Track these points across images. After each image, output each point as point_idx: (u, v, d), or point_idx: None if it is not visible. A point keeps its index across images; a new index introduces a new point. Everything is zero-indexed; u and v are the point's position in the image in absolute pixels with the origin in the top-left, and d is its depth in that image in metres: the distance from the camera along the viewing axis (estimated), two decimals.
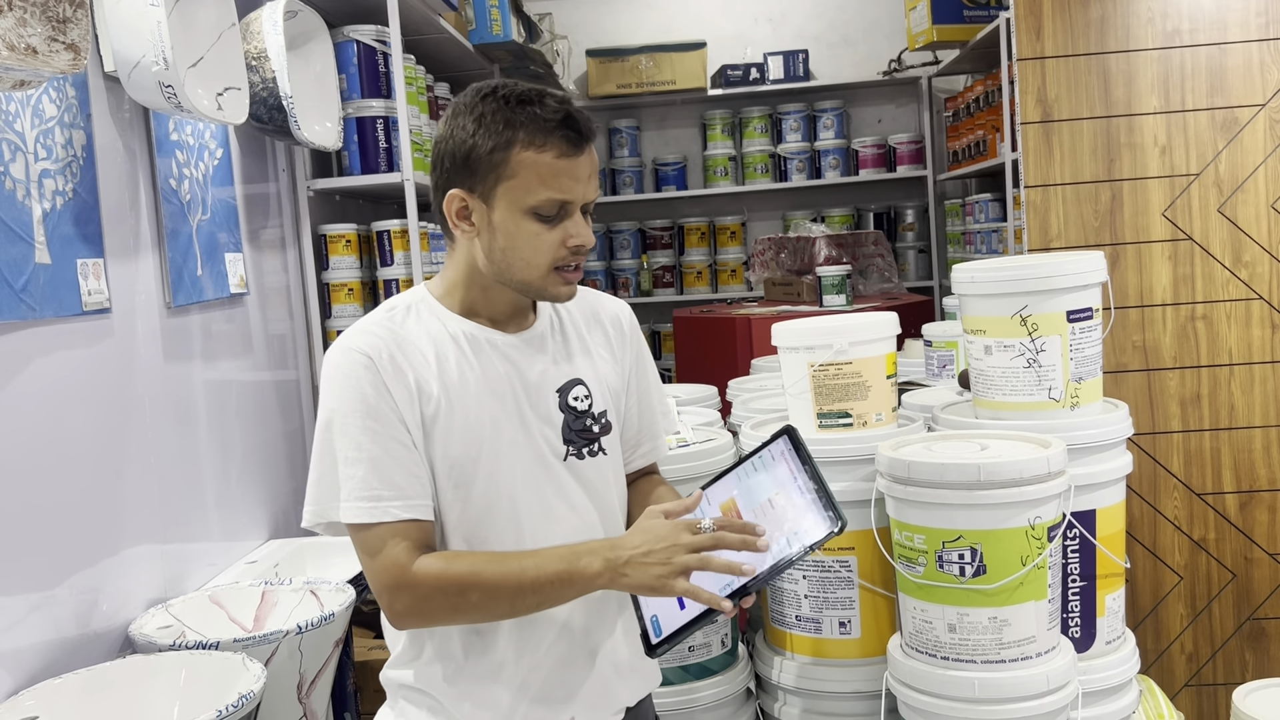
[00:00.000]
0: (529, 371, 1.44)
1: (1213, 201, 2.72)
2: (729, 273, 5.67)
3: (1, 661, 1.83)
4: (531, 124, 1.35)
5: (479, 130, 1.36)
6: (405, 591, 1.33)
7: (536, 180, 1.35)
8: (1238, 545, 2.76)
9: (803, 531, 1.30)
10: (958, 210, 5.21)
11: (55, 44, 1.65)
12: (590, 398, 1.47)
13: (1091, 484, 1.93)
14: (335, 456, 1.36)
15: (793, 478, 1.36)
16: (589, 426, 1.47)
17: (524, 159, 1.35)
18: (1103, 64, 2.74)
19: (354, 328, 1.42)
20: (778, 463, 1.39)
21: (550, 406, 1.44)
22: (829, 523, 1.29)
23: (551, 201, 1.36)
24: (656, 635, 1.34)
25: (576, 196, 1.38)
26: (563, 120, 1.35)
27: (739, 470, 1.43)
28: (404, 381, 1.37)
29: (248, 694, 1.79)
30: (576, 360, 1.49)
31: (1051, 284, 1.94)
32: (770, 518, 1.34)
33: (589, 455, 1.47)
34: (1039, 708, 1.75)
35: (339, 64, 3.07)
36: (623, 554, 1.31)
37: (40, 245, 1.96)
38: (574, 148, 1.36)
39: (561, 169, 1.35)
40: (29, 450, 1.92)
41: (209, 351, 2.60)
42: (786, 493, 1.35)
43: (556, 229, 1.38)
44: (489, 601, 1.33)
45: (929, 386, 2.62)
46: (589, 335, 1.53)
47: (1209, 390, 2.75)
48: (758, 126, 5.55)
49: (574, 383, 1.47)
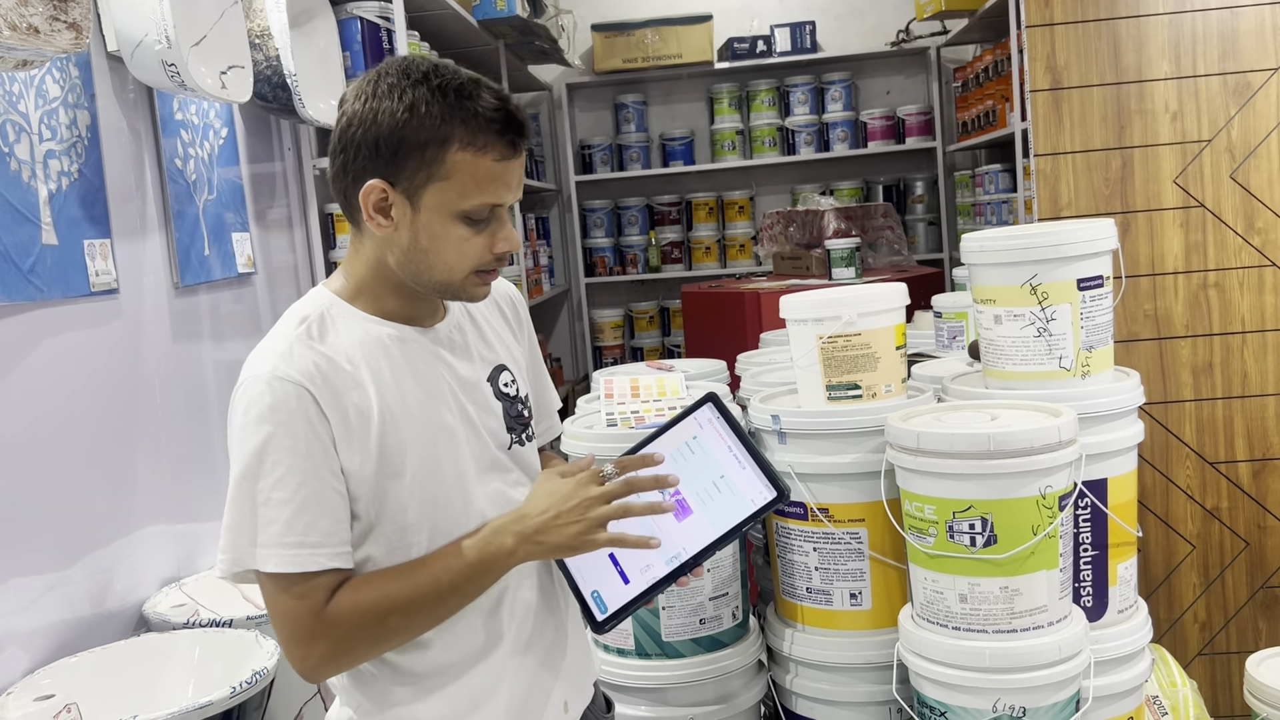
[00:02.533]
0: (459, 366, 1.36)
1: (1225, 168, 2.70)
2: (737, 247, 5.65)
3: (18, 641, 1.85)
4: (472, 122, 1.23)
5: (411, 120, 1.22)
6: (321, 639, 1.21)
7: (472, 184, 1.24)
8: (1251, 514, 2.75)
9: (745, 500, 1.29)
10: (967, 181, 5.18)
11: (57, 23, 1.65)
12: (515, 382, 1.43)
13: (1103, 453, 1.92)
14: (255, 499, 1.21)
15: (725, 446, 1.34)
16: (521, 412, 1.42)
17: (460, 160, 1.23)
18: (1113, 29, 2.71)
19: (269, 351, 1.25)
20: (705, 429, 1.37)
21: (488, 397, 1.38)
22: (770, 491, 1.28)
23: (485, 206, 1.26)
24: (602, 611, 1.32)
25: (509, 201, 1.29)
26: (504, 120, 1.24)
27: (664, 438, 1.39)
28: (342, 411, 1.24)
29: (261, 671, 1.80)
30: (495, 347, 1.43)
31: (1061, 252, 1.93)
32: (705, 486, 1.32)
33: (526, 441, 1.43)
34: (1051, 676, 1.75)
35: (342, 41, 3.06)
36: (530, 523, 1.27)
37: (47, 226, 1.96)
38: (514, 150, 1.26)
39: (498, 173, 1.25)
40: (40, 431, 1.93)
41: (217, 331, 2.60)
42: (721, 460, 1.33)
43: (484, 233, 1.28)
44: (410, 619, 1.25)
45: (939, 358, 2.61)
46: (495, 318, 1.47)
47: (1221, 358, 2.73)
48: (765, 99, 5.51)
49: (499, 369, 1.41)
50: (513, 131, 1.26)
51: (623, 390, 2.27)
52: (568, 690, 1.44)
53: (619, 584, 1.32)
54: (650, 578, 1.30)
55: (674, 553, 1.29)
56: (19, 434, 1.87)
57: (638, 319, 5.84)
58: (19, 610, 1.85)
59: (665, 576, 1.30)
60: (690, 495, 1.34)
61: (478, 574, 1.27)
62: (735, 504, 1.30)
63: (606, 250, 5.72)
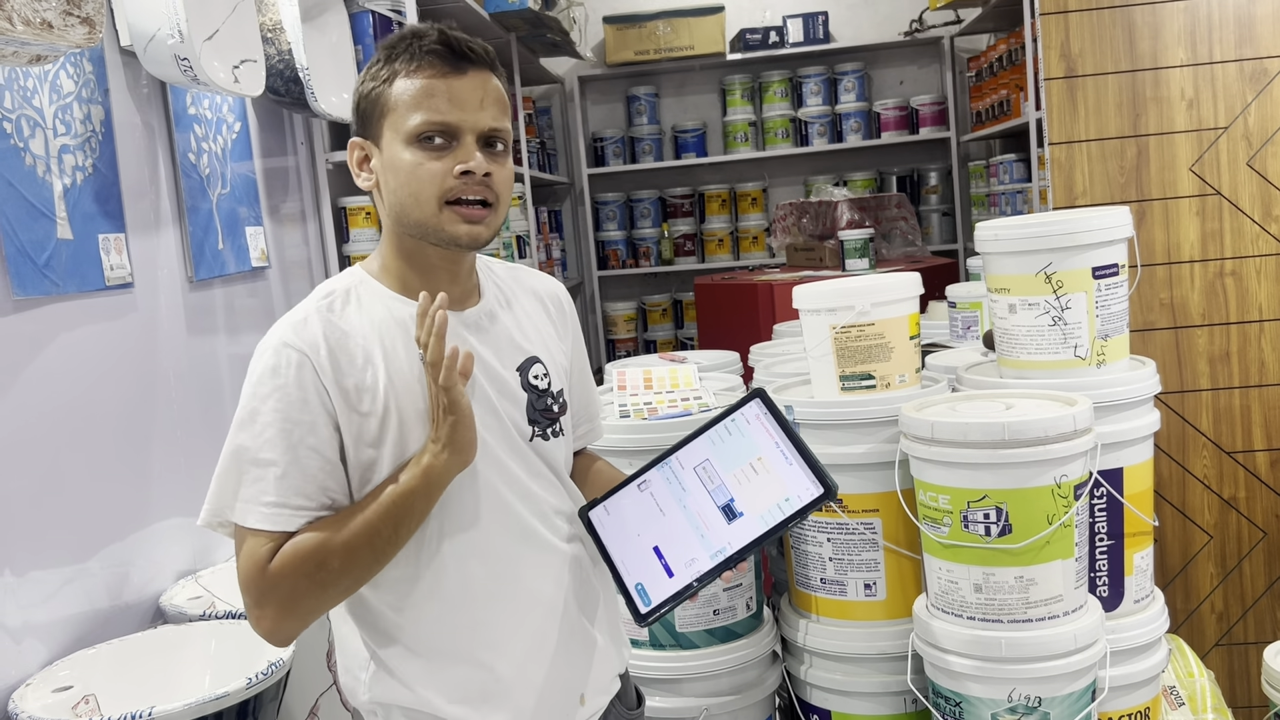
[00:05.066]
0: (484, 351, 1.36)
1: (1241, 155, 2.68)
2: (750, 239, 5.63)
3: (36, 633, 1.86)
4: (406, 53, 1.30)
5: (366, 78, 1.33)
6: (269, 591, 1.23)
7: (412, 104, 1.28)
8: (1269, 503, 2.73)
9: (792, 497, 1.27)
10: (982, 172, 5.15)
11: (70, 18, 1.65)
12: (548, 376, 1.42)
13: (1118, 442, 1.91)
14: (244, 456, 1.25)
15: (773, 442, 1.33)
16: (550, 406, 1.42)
17: (400, 87, 1.29)
18: (1127, 16, 2.69)
19: (289, 318, 1.31)
20: (752, 425, 1.36)
21: (513, 386, 1.38)
22: (818, 488, 1.26)
23: (428, 124, 1.27)
24: (646, 604, 1.31)
25: (459, 120, 1.28)
26: (437, 41, 1.29)
27: (712, 433, 1.39)
28: (344, 385, 1.27)
29: (277, 662, 1.81)
30: (531, 338, 1.43)
31: (1076, 240, 1.91)
32: (754, 482, 1.31)
33: (552, 436, 1.42)
34: (1066, 666, 1.74)
35: (354, 35, 3.06)
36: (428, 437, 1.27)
37: (62, 221, 1.97)
38: (449, 66, 1.29)
39: (437, 89, 1.28)
40: (56, 425, 1.94)
41: (232, 325, 2.61)
42: (768, 456, 1.32)
43: (445, 158, 1.28)
44: (351, 559, 1.24)
45: (953, 348, 2.60)
46: (535, 313, 1.47)
47: (1238, 347, 2.71)
48: (778, 91, 5.50)
49: (532, 360, 1.41)
50: (448, 48, 1.29)
51: (636, 382, 2.27)
52: (585, 682, 1.44)
53: (663, 577, 1.32)
54: (695, 571, 1.30)
55: (719, 547, 1.29)
56: (36, 427, 1.88)
57: (651, 312, 5.83)
58: (38, 603, 1.86)
59: (709, 570, 1.29)
60: (729, 478, 1.34)
61: (410, 497, 1.25)
62: (780, 499, 1.29)
63: (619, 243, 5.72)
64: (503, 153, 1.33)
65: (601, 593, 1.48)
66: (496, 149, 1.32)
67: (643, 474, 1.41)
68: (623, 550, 1.36)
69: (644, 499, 1.39)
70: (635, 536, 1.36)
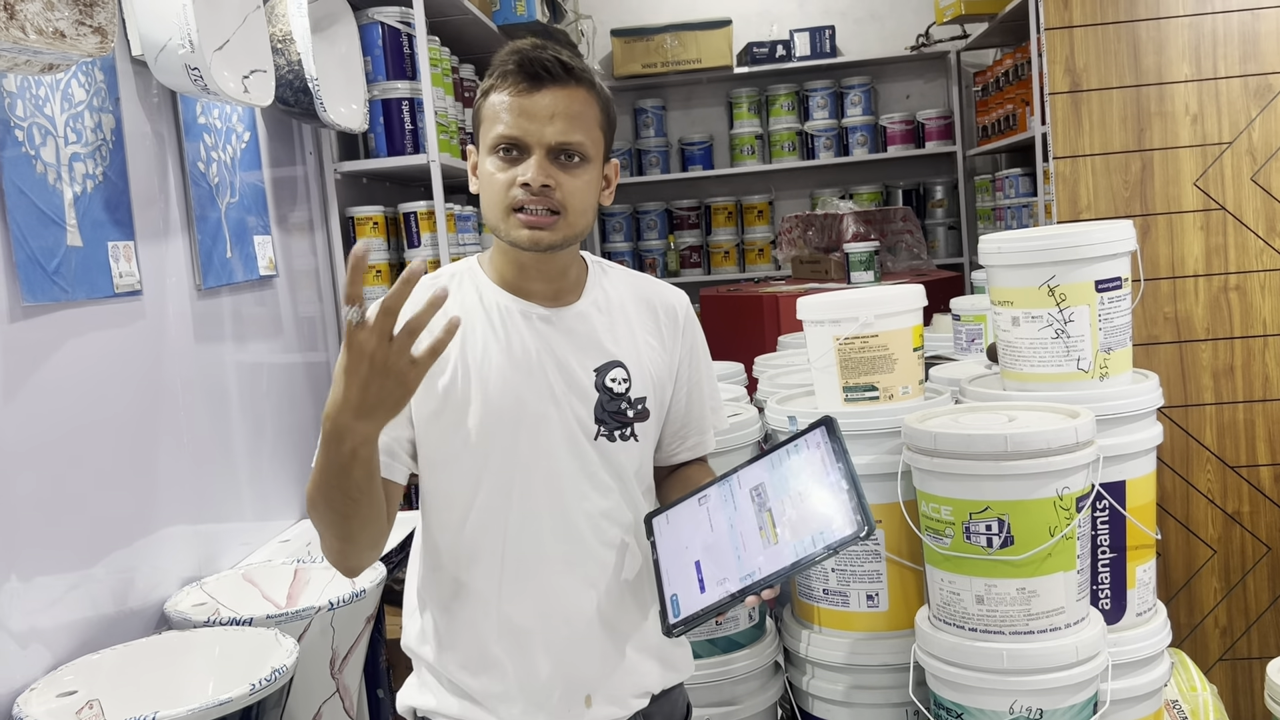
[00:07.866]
0: (562, 347, 1.43)
1: (1246, 170, 2.68)
2: (756, 252, 5.65)
3: (41, 638, 1.87)
4: (499, 68, 1.39)
5: (478, 92, 1.43)
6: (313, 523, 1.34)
7: (493, 118, 1.38)
8: (1273, 518, 2.73)
9: (828, 531, 1.27)
10: (987, 186, 5.16)
11: (82, 27, 1.67)
12: (629, 381, 1.46)
13: (1121, 455, 1.91)
14: None
15: (825, 472, 1.33)
16: (623, 410, 1.45)
17: (490, 101, 1.39)
18: (1132, 32, 2.70)
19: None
20: (812, 452, 1.36)
21: (585, 384, 1.43)
22: (855, 525, 1.25)
23: (502, 137, 1.36)
24: (675, 615, 1.32)
25: (524, 134, 1.36)
26: (522, 58, 1.37)
27: (773, 456, 1.40)
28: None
29: (281, 668, 1.81)
30: (621, 342, 1.47)
31: (1079, 253, 1.92)
32: (797, 510, 1.32)
33: (620, 439, 1.45)
34: (1068, 678, 1.74)
35: (364, 46, 3.09)
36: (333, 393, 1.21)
37: (72, 228, 1.99)
38: (529, 83, 1.36)
39: (514, 106, 1.36)
40: (64, 431, 1.95)
41: (239, 333, 2.63)
42: (817, 486, 1.32)
43: (512, 170, 1.37)
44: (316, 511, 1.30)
45: (957, 360, 2.60)
46: (637, 320, 1.51)
47: (1243, 362, 2.71)
48: (784, 104, 5.52)
49: (613, 364, 1.45)
50: (521, 67, 1.36)
51: None
52: (596, 686, 1.45)
53: (696, 592, 1.32)
54: (723, 591, 1.30)
55: (749, 571, 1.29)
56: (43, 434, 1.89)
57: None
58: (43, 608, 1.87)
59: (736, 593, 1.29)
60: (776, 503, 1.34)
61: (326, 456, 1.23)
62: (817, 530, 1.28)
63: (625, 254, 5.73)
64: (577, 164, 1.39)
65: (648, 607, 1.50)
66: (570, 160, 1.38)
67: (706, 488, 1.43)
68: (670, 560, 1.39)
69: (700, 513, 1.41)
70: (684, 549, 1.38)
